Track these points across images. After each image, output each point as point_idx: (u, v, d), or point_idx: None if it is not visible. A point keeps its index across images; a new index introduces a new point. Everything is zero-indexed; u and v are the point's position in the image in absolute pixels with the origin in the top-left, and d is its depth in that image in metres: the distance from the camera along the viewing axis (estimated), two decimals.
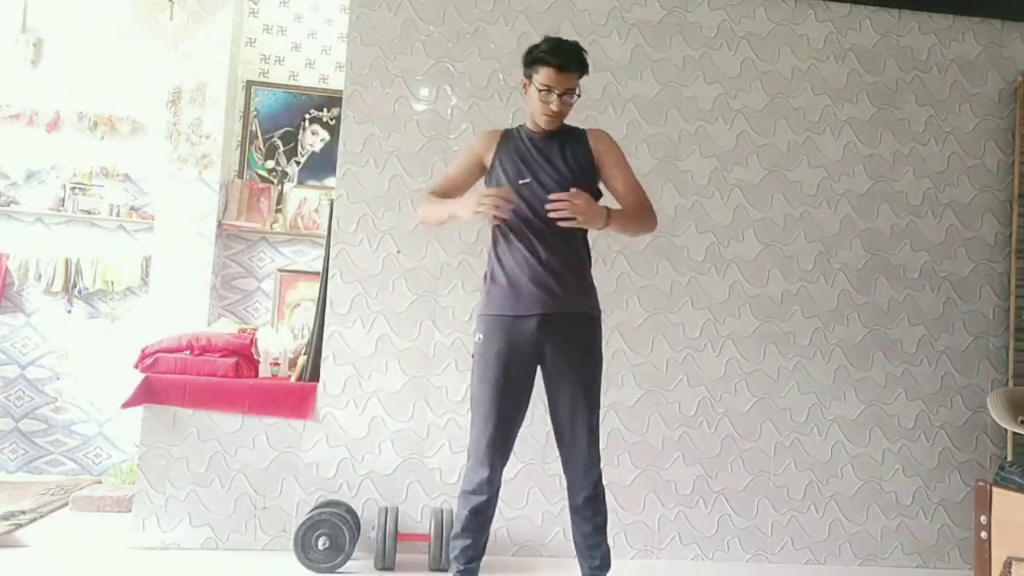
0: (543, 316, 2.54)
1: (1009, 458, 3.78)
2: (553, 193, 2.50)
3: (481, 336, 2.61)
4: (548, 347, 2.57)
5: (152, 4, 4.73)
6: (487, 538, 2.64)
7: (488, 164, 2.67)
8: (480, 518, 2.58)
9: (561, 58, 2.53)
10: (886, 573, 3.73)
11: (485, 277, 2.67)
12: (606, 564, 2.62)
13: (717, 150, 3.85)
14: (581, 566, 2.64)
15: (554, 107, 2.56)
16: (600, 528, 2.63)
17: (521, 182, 2.58)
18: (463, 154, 2.79)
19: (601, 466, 2.63)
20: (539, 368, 2.63)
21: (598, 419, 2.63)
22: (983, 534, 3.02)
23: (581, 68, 2.59)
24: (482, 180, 2.73)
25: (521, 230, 2.57)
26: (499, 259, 2.62)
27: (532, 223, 2.55)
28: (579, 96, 2.62)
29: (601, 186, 2.72)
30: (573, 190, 2.50)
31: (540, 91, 2.55)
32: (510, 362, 2.55)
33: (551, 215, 2.47)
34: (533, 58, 2.57)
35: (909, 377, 3.88)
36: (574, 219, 2.46)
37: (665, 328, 3.75)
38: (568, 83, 2.55)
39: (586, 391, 2.59)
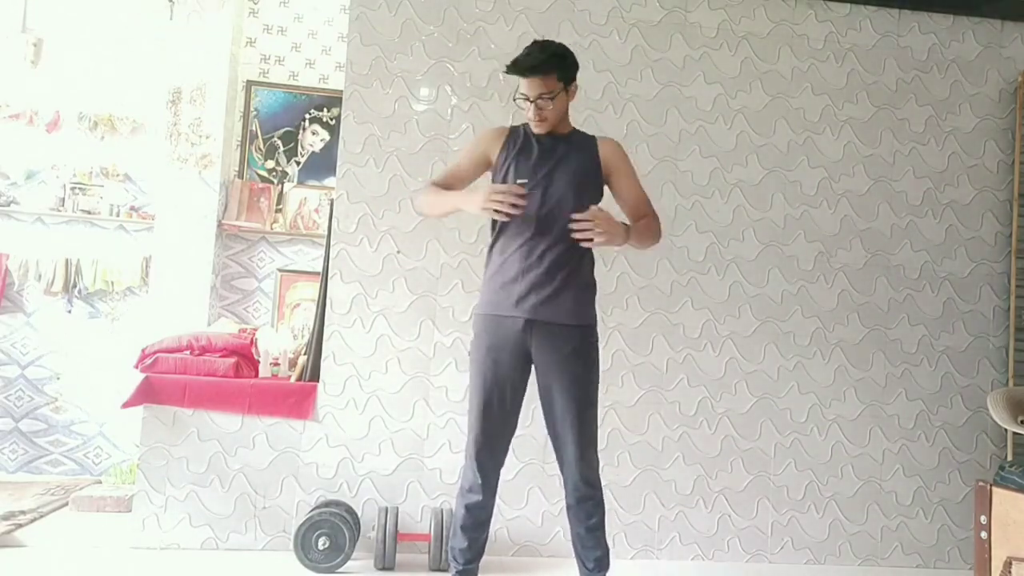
0: (530, 321, 2.53)
1: (1009, 458, 3.78)
2: (565, 202, 2.52)
3: (474, 335, 2.64)
4: (536, 351, 2.56)
5: (152, 4, 4.73)
6: (486, 538, 2.64)
7: (494, 161, 2.67)
8: (476, 517, 2.58)
9: (519, 68, 2.53)
10: (886, 573, 3.73)
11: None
12: (602, 566, 2.59)
13: (717, 150, 3.85)
14: (579, 567, 2.63)
15: (531, 113, 2.56)
16: (594, 530, 2.60)
17: (519, 181, 2.56)
18: (470, 149, 2.77)
19: (600, 469, 2.62)
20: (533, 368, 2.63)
21: (594, 421, 2.60)
22: (983, 534, 3.02)
23: (546, 71, 2.52)
24: (485, 177, 2.73)
25: (518, 231, 2.56)
26: (494, 257, 2.63)
27: (530, 225, 2.54)
28: (557, 98, 2.55)
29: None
30: (593, 208, 2.51)
31: (518, 99, 2.58)
32: (499, 361, 2.55)
33: (574, 235, 2.47)
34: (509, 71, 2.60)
35: (909, 377, 3.88)
36: (592, 239, 2.45)
37: (665, 328, 3.75)
38: (538, 88, 2.53)
39: (577, 396, 2.55)
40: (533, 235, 2.54)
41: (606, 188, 2.71)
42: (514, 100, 2.61)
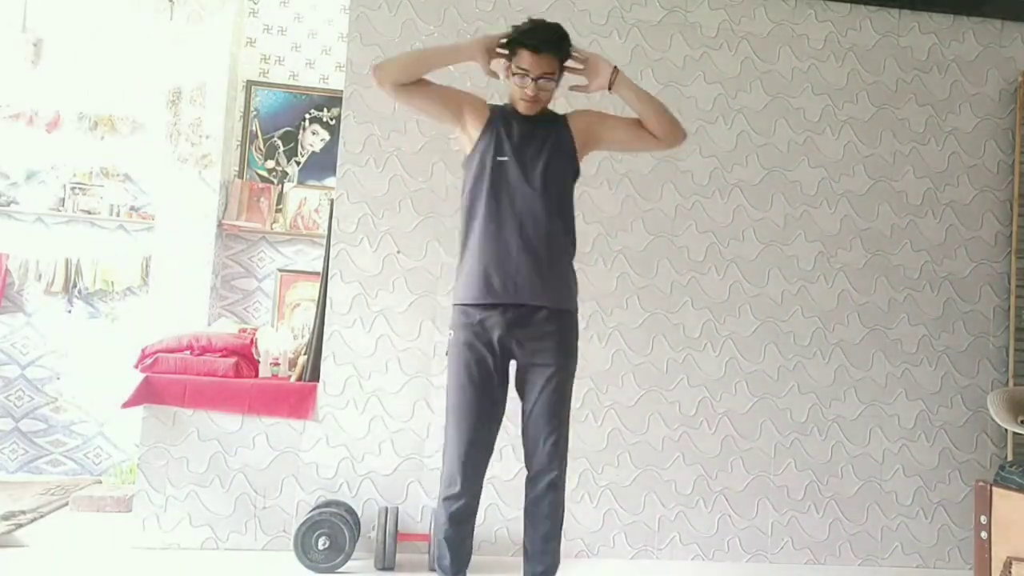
0: (515, 307, 2.44)
1: (1009, 458, 3.78)
2: (530, 184, 2.47)
3: (452, 332, 2.52)
4: (519, 340, 2.46)
5: (152, 4, 4.73)
6: (471, 542, 2.53)
7: (472, 133, 2.55)
8: (461, 526, 2.47)
9: (536, 40, 2.45)
10: (886, 573, 3.73)
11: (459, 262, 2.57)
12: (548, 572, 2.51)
13: (717, 150, 3.85)
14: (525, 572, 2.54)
15: (529, 91, 2.47)
16: (549, 539, 2.49)
17: (499, 158, 2.49)
18: (455, 91, 2.68)
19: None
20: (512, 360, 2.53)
21: (566, 416, 2.52)
22: (983, 534, 3.02)
23: (559, 51, 2.48)
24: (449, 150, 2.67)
25: (496, 212, 2.46)
26: (470, 242, 2.51)
27: (509, 205, 2.46)
28: (557, 84, 2.53)
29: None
30: (585, 53, 2.59)
31: (515, 74, 2.47)
32: (480, 357, 2.45)
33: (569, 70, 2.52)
34: (511, 39, 2.50)
35: (909, 377, 3.88)
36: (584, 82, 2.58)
37: (665, 328, 3.75)
38: (545, 67, 2.45)
39: (556, 389, 2.48)
40: (510, 215, 2.46)
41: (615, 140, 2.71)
42: (514, 74, 2.48)
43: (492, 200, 2.48)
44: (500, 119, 2.57)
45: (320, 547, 3.20)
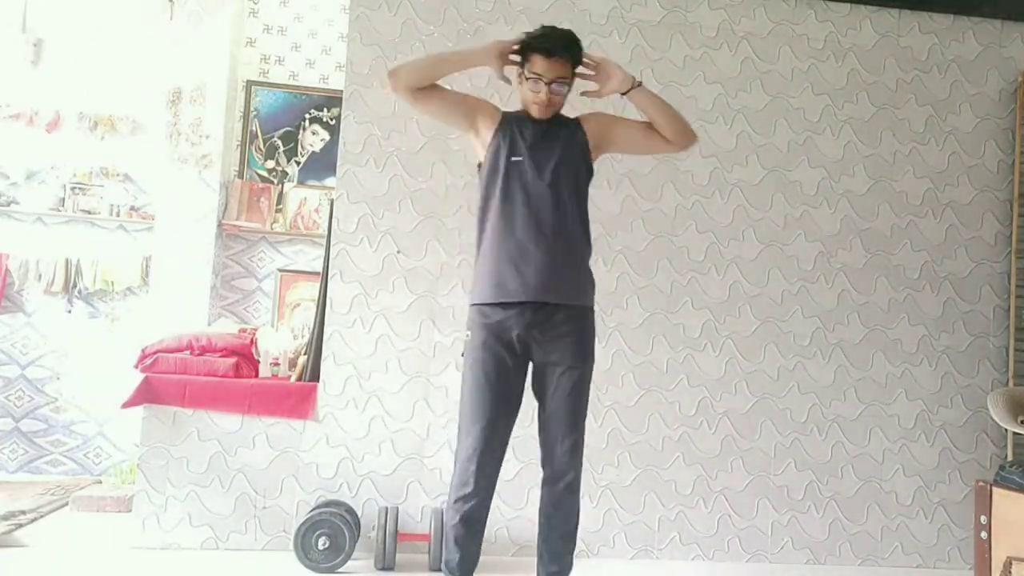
0: (532, 306, 2.44)
1: (1009, 458, 3.78)
2: (544, 182, 2.48)
3: (469, 333, 2.53)
4: (537, 340, 2.47)
5: (152, 4, 4.73)
6: (481, 543, 2.53)
7: (486, 136, 2.56)
8: (473, 527, 2.48)
9: (549, 44, 2.47)
10: (886, 573, 3.73)
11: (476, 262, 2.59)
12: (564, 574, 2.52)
13: (717, 150, 3.85)
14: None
15: (543, 96, 2.48)
16: (567, 538, 2.53)
17: (514, 158, 2.50)
18: (473, 97, 2.67)
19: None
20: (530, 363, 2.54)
21: (584, 416, 2.53)
22: (983, 534, 3.03)
23: (572, 57, 2.51)
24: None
25: (511, 212, 2.48)
26: (484, 243, 2.53)
27: (524, 205, 2.47)
28: (569, 88, 2.56)
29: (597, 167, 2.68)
30: (597, 57, 2.63)
31: (528, 79, 2.48)
32: (498, 358, 2.46)
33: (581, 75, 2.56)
34: (524, 45, 2.51)
35: (909, 377, 3.88)
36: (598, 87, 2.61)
37: (665, 328, 3.75)
38: (558, 71, 2.47)
39: (574, 389, 2.48)
40: (526, 216, 2.46)
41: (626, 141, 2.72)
42: (527, 79, 2.48)
43: (506, 200, 2.49)
44: (513, 122, 2.58)
45: (320, 547, 3.20)
